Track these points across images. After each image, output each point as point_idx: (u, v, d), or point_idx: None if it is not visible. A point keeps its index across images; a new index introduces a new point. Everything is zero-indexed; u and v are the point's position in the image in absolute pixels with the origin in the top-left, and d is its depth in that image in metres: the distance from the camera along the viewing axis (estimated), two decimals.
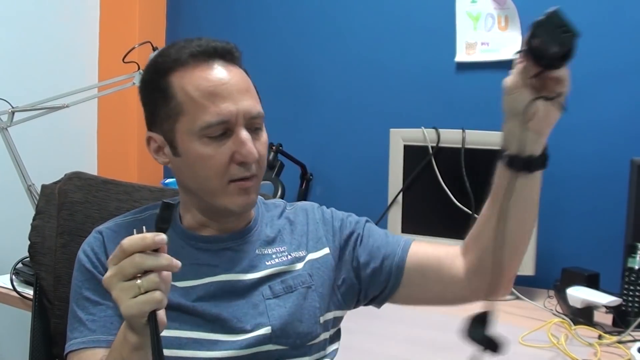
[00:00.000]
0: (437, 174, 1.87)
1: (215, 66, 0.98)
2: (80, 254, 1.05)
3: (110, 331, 0.98)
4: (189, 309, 0.98)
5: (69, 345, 1.00)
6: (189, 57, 0.98)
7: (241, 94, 0.98)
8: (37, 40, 2.35)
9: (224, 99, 0.96)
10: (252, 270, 1.04)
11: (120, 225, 1.07)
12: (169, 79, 0.99)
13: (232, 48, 1.01)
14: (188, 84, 0.97)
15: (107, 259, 1.00)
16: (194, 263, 1.02)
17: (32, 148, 2.05)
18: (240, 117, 0.96)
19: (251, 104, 0.98)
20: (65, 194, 1.26)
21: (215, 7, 2.58)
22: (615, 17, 1.86)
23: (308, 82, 2.39)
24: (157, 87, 1.00)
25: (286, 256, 1.07)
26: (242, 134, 0.96)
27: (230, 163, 0.97)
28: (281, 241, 1.09)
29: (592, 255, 1.85)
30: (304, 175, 2.34)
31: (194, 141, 0.97)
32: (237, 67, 1.01)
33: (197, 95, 0.96)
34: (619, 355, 1.38)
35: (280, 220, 1.12)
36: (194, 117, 0.96)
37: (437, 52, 2.13)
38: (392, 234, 1.15)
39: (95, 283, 1.01)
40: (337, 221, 1.13)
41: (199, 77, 0.97)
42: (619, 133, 1.86)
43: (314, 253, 1.08)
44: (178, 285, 1.00)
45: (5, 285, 1.73)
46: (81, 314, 1.00)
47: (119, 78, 2.04)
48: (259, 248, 1.06)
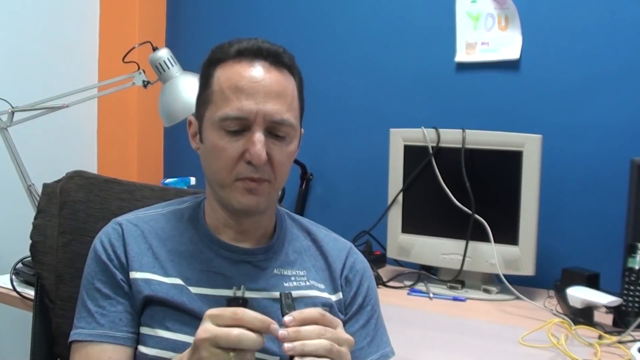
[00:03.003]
0: (437, 174, 1.88)
1: (256, 65, 0.99)
2: (96, 243, 1.04)
3: (118, 327, 0.99)
4: (201, 316, 0.98)
5: (75, 333, 1.00)
6: (235, 52, 1.00)
7: (269, 96, 0.97)
8: (37, 40, 2.34)
9: (249, 97, 0.96)
10: (270, 289, 1.03)
11: (141, 219, 1.07)
12: (215, 69, 1.01)
13: (280, 52, 1.01)
14: (224, 76, 0.99)
15: (125, 254, 1.01)
16: (210, 270, 1.02)
17: (32, 148, 2.05)
18: (259, 118, 0.96)
19: (277, 108, 0.97)
20: (67, 192, 1.26)
21: (215, 7, 2.58)
22: (615, 18, 1.86)
23: (308, 81, 2.37)
24: (204, 75, 1.03)
25: (305, 281, 1.06)
26: (256, 134, 0.96)
27: (240, 160, 0.97)
28: (302, 265, 1.08)
29: (592, 255, 1.85)
30: (304, 175, 2.34)
31: (214, 131, 0.99)
32: (282, 72, 1.01)
33: (226, 87, 0.98)
34: (619, 355, 1.38)
35: (305, 241, 1.12)
36: (218, 108, 0.98)
37: (437, 52, 2.13)
38: (385, 334, 1.13)
39: (109, 276, 1.01)
40: (360, 278, 1.12)
41: (236, 72, 0.98)
42: (619, 133, 1.86)
43: (332, 295, 1.07)
44: (192, 290, 1.00)
45: (5, 285, 1.73)
46: (90, 305, 1.00)
47: (119, 78, 2.03)
48: (277, 268, 1.06)
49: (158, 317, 0.99)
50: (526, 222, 1.78)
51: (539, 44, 1.97)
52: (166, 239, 1.05)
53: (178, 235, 1.05)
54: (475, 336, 1.51)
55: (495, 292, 1.83)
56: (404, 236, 1.95)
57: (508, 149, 1.80)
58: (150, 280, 1.00)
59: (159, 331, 0.98)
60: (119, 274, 1.01)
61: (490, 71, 2.05)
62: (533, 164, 1.77)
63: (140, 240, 1.03)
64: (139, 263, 1.01)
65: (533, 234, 1.78)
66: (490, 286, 1.85)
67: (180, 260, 1.02)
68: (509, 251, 1.79)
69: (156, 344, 0.98)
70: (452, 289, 1.86)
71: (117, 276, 1.01)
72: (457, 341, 1.48)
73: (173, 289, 0.99)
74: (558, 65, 1.95)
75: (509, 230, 1.79)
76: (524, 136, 1.78)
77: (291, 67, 1.03)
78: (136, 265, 1.01)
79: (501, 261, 1.78)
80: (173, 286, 1.00)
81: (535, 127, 1.84)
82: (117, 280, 1.01)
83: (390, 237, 1.98)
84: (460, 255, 1.84)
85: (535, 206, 1.77)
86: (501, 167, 1.82)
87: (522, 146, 1.78)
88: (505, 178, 1.82)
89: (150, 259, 1.02)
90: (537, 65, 1.98)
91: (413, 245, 1.93)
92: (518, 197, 1.78)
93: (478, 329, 1.57)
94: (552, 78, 1.96)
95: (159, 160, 2.72)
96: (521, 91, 2.01)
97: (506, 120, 1.99)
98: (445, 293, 1.84)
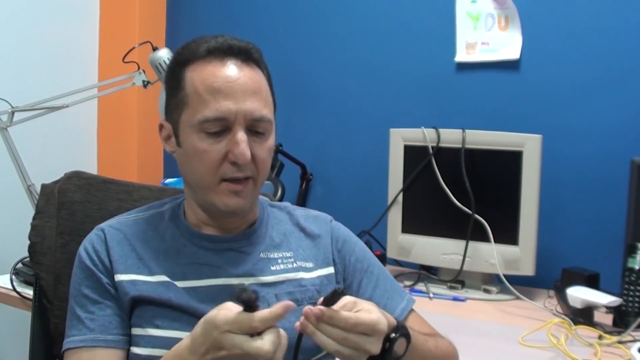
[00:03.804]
0: (437, 174, 1.87)
1: (228, 64, 0.98)
2: (81, 250, 1.05)
3: (109, 331, 0.98)
4: (190, 310, 0.98)
5: (67, 342, 1.00)
6: (205, 52, 0.99)
7: (246, 94, 0.97)
8: (37, 40, 2.35)
9: (226, 97, 0.96)
10: (257, 274, 1.03)
11: (122, 224, 1.07)
12: (184, 70, 1.00)
13: (249, 48, 1.01)
14: (197, 78, 0.98)
15: (108, 257, 1.01)
16: (195, 262, 1.02)
17: (32, 148, 2.05)
18: (240, 117, 0.96)
19: (255, 106, 0.97)
20: (65, 193, 1.26)
21: (215, 7, 2.58)
22: (615, 18, 1.86)
23: (308, 82, 2.39)
24: (173, 77, 1.02)
25: (292, 263, 1.06)
26: (239, 134, 0.96)
27: (224, 161, 0.97)
28: (287, 246, 1.09)
29: (592, 255, 1.85)
30: (304, 175, 2.34)
31: (193, 134, 0.98)
32: (253, 68, 1.00)
33: (202, 89, 0.97)
34: (619, 355, 1.38)
35: (288, 225, 1.12)
36: (195, 110, 0.97)
37: (437, 52, 2.13)
38: (396, 283, 1.16)
39: (95, 281, 1.01)
40: (349, 245, 1.14)
41: (209, 73, 0.98)
42: (619, 133, 1.86)
43: (322, 269, 1.08)
44: (179, 285, 1.00)
45: (5, 285, 1.73)
46: (80, 312, 1.00)
47: (119, 78, 2.04)
48: (263, 251, 1.06)
49: (147, 317, 0.99)
50: (526, 222, 1.78)
51: (539, 44, 1.97)
52: (149, 239, 1.05)
53: (160, 234, 1.06)
54: (475, 336, 1.51)
55: (495, 292, 1.83)
56: (404, 236, 1.95)
57: (508, 149, 1.79)
58: (136, 280, 1.00)
59: (149, 330, 0.98)
60: (105, 278, 1.01)
61: (490, 71, 2.05)
62: (533, 164, 1.76)
63: (124, 243, 1.04)
64: (124, 265, 1.01)
65: (533, 234, 1.78)
66: (490, 286, 1.84)
67: (165, 258, 1.03)
68: (509, 251, 1.79)
69: (148, 343, 0.98)
70: (452, 289, 1.86)
71: (103, 280, 1.01)
72: (457, 341, 1.47)
73: (159, 287, 0.99)
74: (558, 65, 1.95)
75: (509, 230, 1.79)
76: (524, 136, 1.78)
77: (260, 62, 1.03)
78: (120, 268, 1.01)
79: (501, 261, 1.78)
80: (159, 284, 1.00)
81: (535, 127, 1.83)
82: (103, 284, 1.00)
83: (390, 237, 1.98)
84: (460, 255, 1.84)
85: (535, 206, 1.77)
86: (501, 167, 1.82)
87: (522, 146, 1.77)
88: (505, 178, 1.81)
89: (134, 260, 1.02)
90: (537, 65, 1.98)
91: (413, 245, 1.93)
92: (518, 197, 1.78)
93: (478, 329, 1.57)
94: (552, 78, 1.96)
95: (158, 160, 2.72)
96: (521, 91, 2.01)
97: (506, 120, 1.99)
98: (445, 293, 1.84)
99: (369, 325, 0.82)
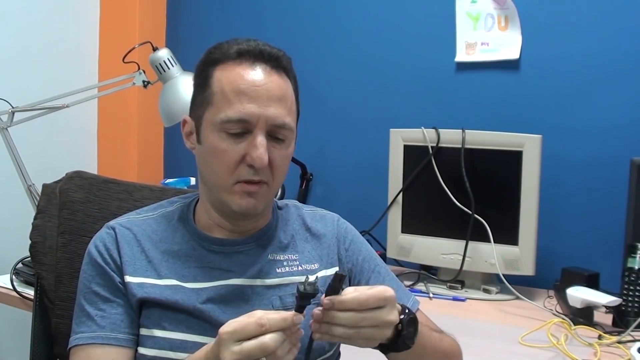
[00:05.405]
0: (437, 174, 1.87)
1: (257, 68, 0.99)
2: (91, 247, 1.05)
3: (119, 329, 0.99)
4: (196, 312, 0.98)
5: (75, 339, 1.00)
6: (236, 54, 1.00)
7: (271, 100, 0.98)
8: (37, 40, 2.35)
9: (251, 100, 0.97)
10: (263, 276, 1.03)
11: (132, 223, 1.07)
12: (214, 70, 1.01)
13: (280, 55, 1.02)
14: (225, 78, 0.99)
15: (119, 257, 1.02)
16: (205, 266, 1.03)
17: (32, 148, 2.05)
18: (262, 122, 0.97)
19: (278, 112, 0.98)
20: (66, 193, 1.26)
21: (215, 8, 2.58)
22: (615, 18, 1.86)
23: (308, 82, 2.37)
24: (201, 75, 1.03)
25: (297, 266, 1.07)
26: (258, 137, 0.96)
27: (241, 163, 0.98)
28: (294, 249, 1.09)
29: (592, 255, 1.85)
30: (304, 175, 2.34)
31: (214, 133, 0.98)
32: (281, 76, 1.01)
33: (228, 89, 0.98)
34: (619, 355, 1.38)
35: (295, 224, 1.13)
36: (219, 110, 0.98)
37: (437, 52, 2.13)
38: (400, 283, 1.16)
39: (107, 279, 1.01)
40: (356, 245, 1.14)
41: (237, 74, 0.98)
42: (619, 133, 1.86)
43: (327, 269, 1.09)
44: (187, 286, 1.00)
45: (6, 285, 1.73)
46: (90, 309, 1.00)
47: (119, 78, 2.03)
48: (271, 253, 1.07)
49: (154, 318, 0.99)
50: (526, 222, 1.78)
51: (539, 44, 1.97)
52: (158, 241, 1.05)
53: (170, 236, 1.06)
54: (475, 336, 1.51)
55: (495, 292, 1.83)
56: (404, 236, 1.95)
57: (508, 149, 1.80)
58: (144, 284, 1.00)
59: (156, 331, 0.98)
60: (117, 277, 1.01)
61: (490, 71, 2.05)
62: (533, 164, 1.77)
63: (133, 244, 1.04)
64: (132, 267, 1.01)
65: (533, 234, 1.78)
66: (490, 286, 1.85)
67: (175, 260, 1.03)
68: (509, 251, 1.79)
69: (154, 344, 0.98)
70: (452, 289, 1.86)
71: (115, 279, 1.01)
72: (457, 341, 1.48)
73: (166, 290, 1.00)
74: (558, 65, 1.95)
75: (509, 230, 1.79)
76: (524, 136, 1.78)
77: (289, 70, 1.04)
78: (130, 270, 1.01)
79: (501, 261, 1.78)
80: (166, 287, 1.00)
81: (535, 127, 1.84)
82: (115, 282, 1.01)
83: (390, 237, 1.98)
84: (460, 255, 1.84)
85: (535, 206, 1.77)
86: (501, 167, 1.82)
87: (521, 146, 1.78)
88: (505, 178, 1.82)
89: (143, 262, 1.02)
90: (537, 65, 1.98)
91: (413, 245, 1.93)
92: (518, 197, 1.78)
93: (478, 329, 1.57)
94: (552, 78, 1.96)
95: (159, 160, 2.72)
96: (521, 91, 2.01)
97: (506, 120, 1.99)
98: (445, 293, 1.84)
99: (379, 296, 0.85)
